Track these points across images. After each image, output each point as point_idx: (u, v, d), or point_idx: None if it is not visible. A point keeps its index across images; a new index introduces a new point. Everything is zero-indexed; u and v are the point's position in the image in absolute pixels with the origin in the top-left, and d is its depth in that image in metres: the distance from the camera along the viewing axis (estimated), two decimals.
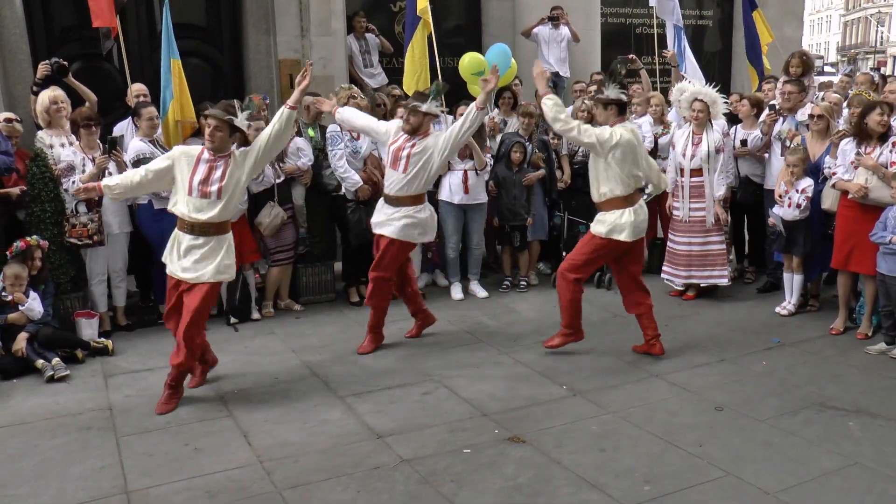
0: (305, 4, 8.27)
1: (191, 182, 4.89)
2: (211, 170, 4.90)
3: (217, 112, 4.99)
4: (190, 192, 4.89)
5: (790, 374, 5.40)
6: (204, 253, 4.94)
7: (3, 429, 4.79)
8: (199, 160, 4.93)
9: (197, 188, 4.88)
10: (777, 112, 7.14)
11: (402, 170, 5.74)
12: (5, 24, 7.42)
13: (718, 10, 12.70)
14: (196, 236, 4.94)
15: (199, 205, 4.89)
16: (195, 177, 4.89)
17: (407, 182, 5.75)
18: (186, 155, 4.98)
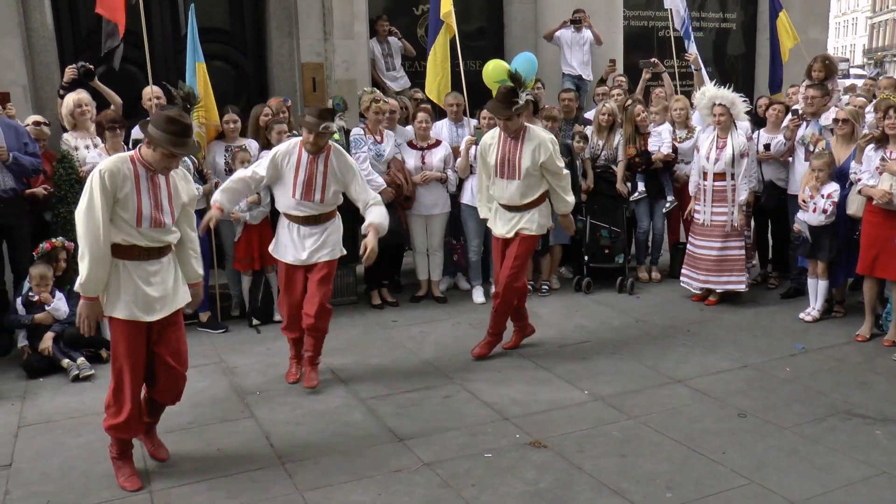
0: (329, 8, 8.30)
1: (294, 183, 5.11)
2: (312, 173, 5.10)
3: (330, 126, 5.05)
4: (294, 195, 5.12)
5: (815, 381, 5.34)
6: (323, 238, 5.24)
7: (30, 426, 4.86)
8: (299, 162, 5.09)
9: (301, 190, 5.11)
10: (800, 117, 7.09)
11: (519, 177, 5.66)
12: (34, 29, 7.51)
13: (742, 13, 12.63)
14: (312, 226, 5.21)
15: (306, 205, 5.16)
16: (298, 178, 5.11)
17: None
18: (288, 155, 5.12)
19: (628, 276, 7.62)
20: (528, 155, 5.57)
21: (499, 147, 5.68)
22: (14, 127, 6.25)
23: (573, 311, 6.97)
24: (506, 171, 5.65)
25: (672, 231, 8.24)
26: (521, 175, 5.60)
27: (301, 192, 5.13)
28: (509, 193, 5.69)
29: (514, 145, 5.61)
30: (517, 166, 5.60)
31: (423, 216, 7.29)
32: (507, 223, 5.77)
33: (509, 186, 5.66)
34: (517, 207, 5.70)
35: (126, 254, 3.94)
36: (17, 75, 7.35)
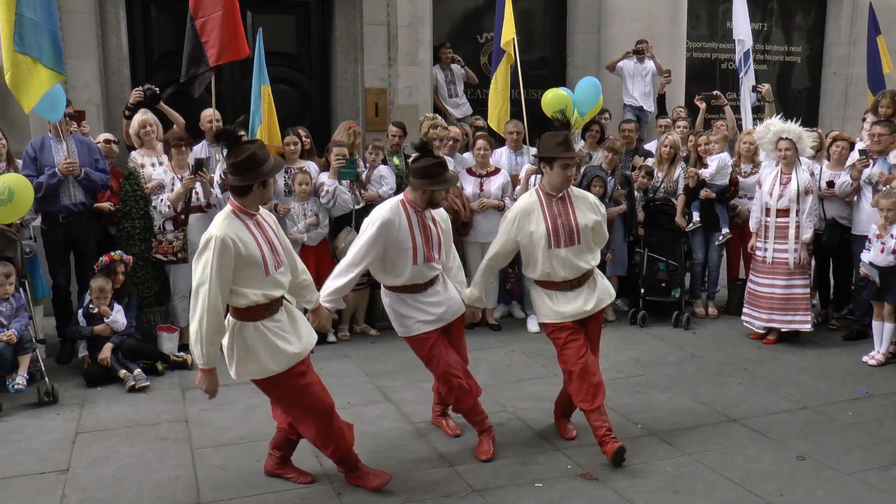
0: (394, 34, 8.44)
1: (415, 248, 4.48)
2: (427, 231, 4.55)
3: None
4: (415, 262, 4.49)
5: (879, 426, 5.15)
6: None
7: (88, 434, 4.99)
8: (410, 224, 4.49)
9: (422, 254, 4.52)
10: (867, 156, 6.90)
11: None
12: (110, 50, 7.80)
13: (808, 47, 12.47)
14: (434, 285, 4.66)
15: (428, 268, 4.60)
16: (416, 241, 4.49)
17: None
18: (393, 225, 4.45)
19: (684, 310, 7.49)
20: (583, 214, 4.67)
21: (544, 212, 4.63)
22: (87, 144, 6.49)
23: (628, 344, 6.87)
24: (561, 238, 4.60)
25: (731, 267, 8.10)
26: (580, 238, 4.64)
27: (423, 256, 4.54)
28: (569, 264, 4.63)
29: (564, 206, 4.66)
30: (575, 229, 4.62)
31: (479, 243, 7.28)
32: (579, 300, 4.70)
33: (568, 255, 4.62)
34: (579, 280, 4.69)
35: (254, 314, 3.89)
36: (92, 95, 7.64)
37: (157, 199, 6.46)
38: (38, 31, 5.74)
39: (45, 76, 5.84)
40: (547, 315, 4.75)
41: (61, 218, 6.30)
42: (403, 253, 4.45)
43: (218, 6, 6.38)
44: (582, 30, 10.57)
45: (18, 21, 5.65)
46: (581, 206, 4.70)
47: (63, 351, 6.37)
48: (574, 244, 4.63)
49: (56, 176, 6.15)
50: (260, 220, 3.93)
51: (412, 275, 4.51)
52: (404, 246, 4.44)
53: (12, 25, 5.64)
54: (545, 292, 4.74)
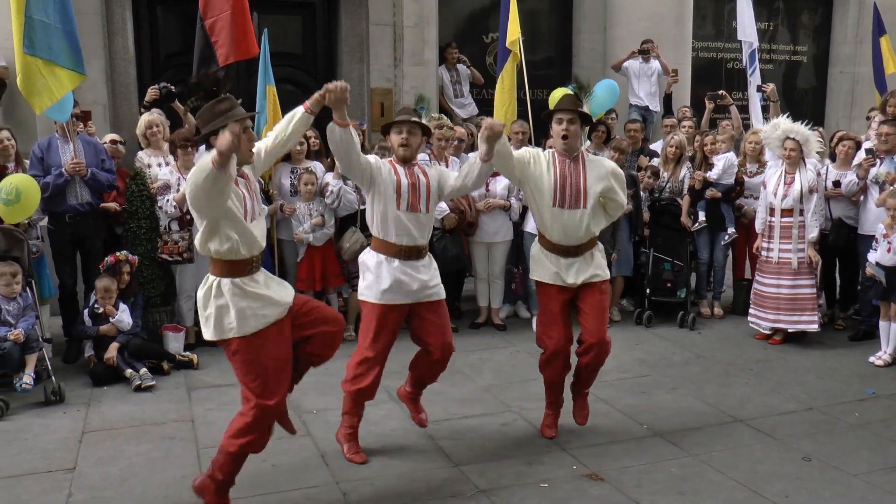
0: (399, 35, 8.45)
1: (399, 192, 4.41)
2: (414, 178, 4.48)
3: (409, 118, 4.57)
4: (399, 206, 4.41)
5: (886, 427, 5.13)
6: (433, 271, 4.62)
7: (94, 433, 5.00)
8: (396, 170, 4.47)
9: (407, 200, 4.43)
10: (874, 155, 6.89)
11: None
12: (116, 51, 7.83)
13: (814, 46, 12.44)
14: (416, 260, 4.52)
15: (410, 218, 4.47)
16: (402, 184, 4.43)
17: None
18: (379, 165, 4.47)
19: (690, 310, 7.49)
20: (594, 179, 4.63)
21: (555, 168, 4.61)
22: (93, 144, 6.52)
23: (633, 344, 6.87)
24: (567, 199, 4.58)
25: (737, 267, 8.09)
26: (586, 202, 4.61)
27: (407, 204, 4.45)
28: (569, 227, 4.62)
29: (575, 168, 4.62)
30: (583, 192, 4.60)
31: (485, 243, 7.29)
32: (572, 269, 4.70)
33: (570, 218, 4.60)
34: (576, 248, 4.68)
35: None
36: (98, 95, 7.66)
37: (163, 199, 6.47)
38: (49, 34, 5.78)
39: (65, 77, 5.89)
40: (535, 271, 4.83)
41: (68, 218, 6.32)
42: (389, 196, 4.37)
43: (227, 6, 6.39)
44: (588, 30, 10.56)
45: (28, 24, 5.68)
46: (593, 171, 4.66)
47: (69, 350, 6.40)
48: (579, 207, 4.61)
49: (63, 176, 6.18)
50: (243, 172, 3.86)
51: (397, 227, 4.39)
52: (389, 187, 4.37)
53: (22, 28, 5.68)
54: (543, 252, 4.78)
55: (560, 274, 4.70)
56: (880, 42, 9.69)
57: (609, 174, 4.71)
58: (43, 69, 5.79)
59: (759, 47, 9.34)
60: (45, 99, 5.85)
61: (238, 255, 3.80)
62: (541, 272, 4.79)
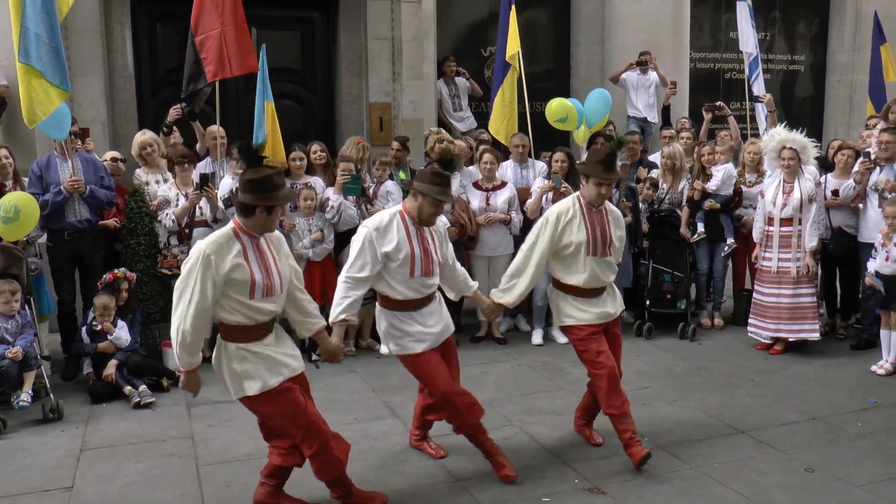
0: (398, 49, 8.46)
1: (412, 263, 4.38)
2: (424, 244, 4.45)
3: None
4: (412, 274, 4.39)
5: (890, 437, 5.11)
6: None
7: (93, 450, 4.98)
8: (409, 234, 4.40)
9: (420, 267, 4.42)
10: (873, 162, 6.89)
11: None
12: (116, 69, 7.85)
13: (811, 55, 12.48)
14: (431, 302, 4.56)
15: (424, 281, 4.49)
16: (414, 251, 4.38)
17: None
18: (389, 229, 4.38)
19: (690, 321, 7.47)
20: (615, 226, 4.85)
21: (585, 220, 4.73)
22: (92, 161, 6.53)
23: (634, 357, 6.84)
24: (598, 248, 4.72)
25: (737, 277, 8.07)
26: (611, 250, 4.81)
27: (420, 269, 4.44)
28: (599, 273, 4.76)
29: (601, 217, 4.78)
30: (609, 240, 4.78)
31: (485, 257, 7.29)
32: (600, 304, 4.82)
33: (598, 266, 4.76)
34: (602, 289, 4.84)
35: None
36: (98, 112, 7.67)
37: (162, 214, 6.50)
38: (40, 46, 5.77)
39: (53, 94, 5.87)
40: (573, 317, 4.80)
41: (67, 235, 6.33)
42: (398, 257, 4.34)
43: (217, 23, 6.43)
44: (586, 42, 10.61)
45: (23, 33, 5.69)
46: (613, 221, 4.86)
47: (68, 367, 6.38)
48: (606, 255, 4.78)
49: (61, 194, 6.19)
50: (262, 244, 3.86)
51: (410, 289, 4.42)
52: (401, 255, 4.33)
53: (19, 38, 5.68)
54: (570, 297, 4.81)
55: (595, 310, 4.79)
56: (880, 50, 9.69)
57: (622, 224, 4.98)
58: (34, 82, 5.77)
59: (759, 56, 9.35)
60: (39, 113, 5.83)
61: (242, 323, 3.83)
62: (575, 317, 4.79)
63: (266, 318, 3.88)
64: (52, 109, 5.86)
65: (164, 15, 8.32)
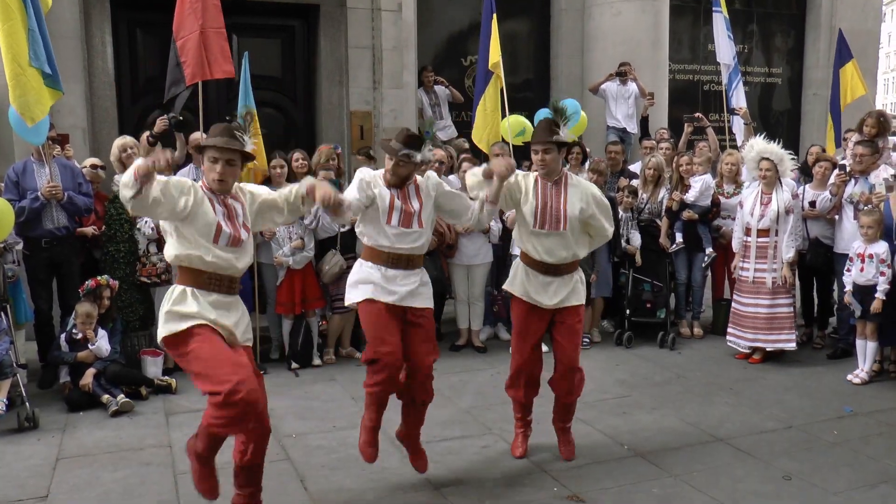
0: (378, 58, 8.48)
1: (391, 210, 4.34)
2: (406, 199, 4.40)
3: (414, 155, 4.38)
4: (389, 220, 4.34)
5: (865, 445, 5.17)
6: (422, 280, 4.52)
7: (69, 459, 4.92)
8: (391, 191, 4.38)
9: (398, 216, 4.35)
10: (848, 174, 6.98)
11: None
12: (96, 74, 7.81)
13: (788, 69, 12.63)
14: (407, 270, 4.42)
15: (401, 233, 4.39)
16: (394, 201, 4.36)
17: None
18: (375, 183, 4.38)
19: (670, 331, 7.51)
20: (574, 202, 4.67)
21: (537, 193, 4.68)
22: (70, 168, 6.47)
23: (614, 365, 6.88)
24: (547, 221, 4.64)
25: (716, 287, 8.14)
26: (566, 225, 4.65)
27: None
28: (550, 248, 4.68)
29: (556, 191, 4.69)
30: (562, 215, 4.65)
31: (464, 266, 7.30)
32: (548, 290, 4.73)
33: (549, 240, 4.67)
34: (556, 267, 4.71)
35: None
36: (77, 119, 7.62)
37: (142, 221, 6.45)
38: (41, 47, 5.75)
39: (48, 93, 5.85)
40: (512, 286, 4.82)
41: (44, 242, 6.26)
42: (380, 208, 4.29)
43: (196, 26, 6.42)
44: (566, 53, 10.68)
45: (31, 36, 5.65)
46: (573, 195, 4.70)
47: (45, 376, 6.31)
48: (559, 229, 4.65)
49: (38, 200, 6.13)
50: (228, 201, 3.87)
51: (387, 238, 4.32)
52: (383, 199, 4.29)
53: (26, 42, 5.64)
54: (523, 267, 4.80)
55: (533, 295, 4.73)
56: (842, 70, 9.58)
57: (591, 198, 4.75)
58: (36, 81, 5.73)
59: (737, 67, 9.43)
60: (37, 111, 5.78)
61: (193, 264, 3.77)
62: (516, 287, 4.81)
63: (223, 272, 3.81)
64: (47, 110, 5.83)
65: (145, 22, 8.30)
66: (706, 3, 10.65)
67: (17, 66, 5.66)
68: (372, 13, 8.56)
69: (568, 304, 4.76)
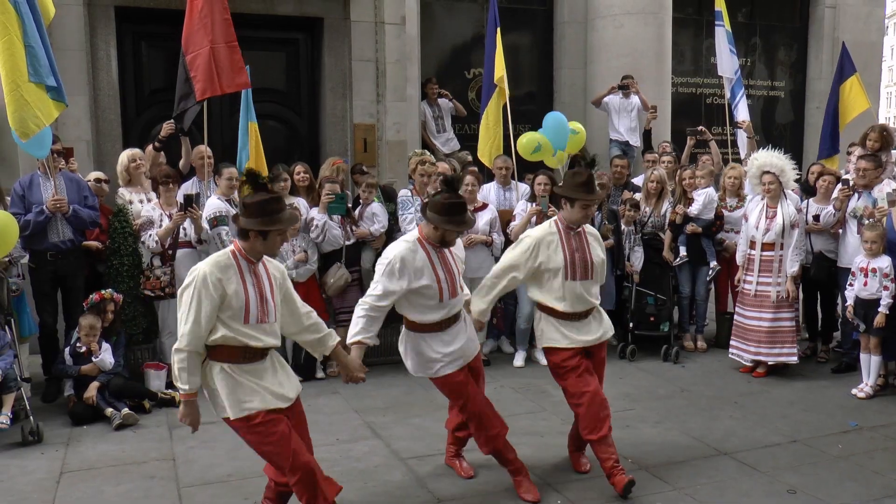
0: (382, 71, 8.51)
1: (439, 284, 4.40)
2: (447, 265, 4.48)
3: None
4: (441, 299, 4.42)
5: (870, 459, 5.15)
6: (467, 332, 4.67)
7: (72, 473, 4.92)
8: (431, 259, 4.40)
9: (447, 290, 4.45)
10: (851, 188, 6.98)
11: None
12: (101, 87, 7.83)
13: (791, 81, 12.65)
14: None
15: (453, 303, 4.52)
16: (440, 276, 4.41)
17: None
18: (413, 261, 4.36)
19: (673, 344, 7.50)
20: (597, 249, 4.84)
21: (563, 244, 4.72)
22: (76, 181, 6.49)
23: (617, 379, 6.86)
24: (578, 272, 4.70)
25: (719, 300, 8.13)
26: (593, 272, 4.79)
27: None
28: (580, 297, 4.73)
29: (580, 240, 4.78)
30: (590, 263, 4.76)
31: (467, 279, 7.25)
32: (583, 331, 4.79)
33: (581, 289, 4.72)
34: (584, 314, 4.80)
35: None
36: (82, 132, 7.64)
37: (146, 235, 6.47)
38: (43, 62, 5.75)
39: (52, 105, 5.84)
40: (555, 339, 4.79)
41: (49, 256, 6.27)
42: (428, 290, 4.35)
43: (206, 41, 6.44)
44: (568, 66, 10.71)
45: (29, 52, 5.66)
46: (594, 243, 4.86)
47: (49, 389, 6.31)
48: (588, 278, 4.75)
49: (44, 213, 6.14)
50: (259, 269, 3.87)
51: (438, 313, 4.43)
52: (428, 282, 4.34)
53: (24, 57, 5.65)
54: (553, 320, 4.79)
55: (577, 336, 4.77)
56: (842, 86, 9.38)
57: (601, 243, 4.98)
58: (35, 94, 5.71)
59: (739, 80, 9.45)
60: (32, 125, 5.76)
61: (230, 343, 3.79)
62: (557, 339, 4.79)
63: (256, 344, 3.83)
64: (50, 122, 5.82)
65: (150, 35, 8.34)
66: (709, 16, 10.67)
67: (12, 82, 5.64)
68: (375, 26, 8.59)
69: (604, 339, 4.92)
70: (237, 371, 3.81)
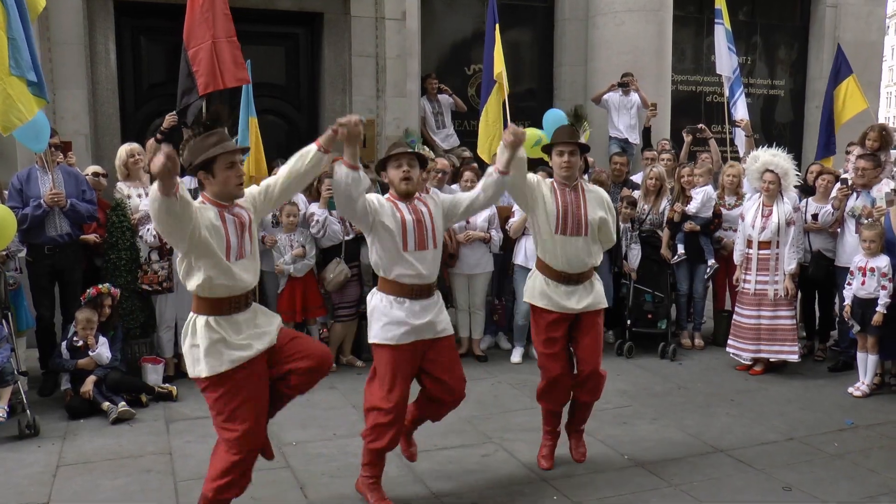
0: (382, 66, 8.51)
1: (404, 232, 4.19)
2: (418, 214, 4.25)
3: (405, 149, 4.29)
4: (405, 247, 4.18)
5: (865, 457, 5.16)
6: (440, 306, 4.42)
7: (69, 466, 4.92)
8: (398, 207, 4.24)
9: (413, 238, 4.21)
10: (850, 187, 6.98)
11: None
12: (99, 81, 7.83)
13: (791, 81, 12.65)
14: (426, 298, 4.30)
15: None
16: (406, 222, 4.20)
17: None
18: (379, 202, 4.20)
19: (671, 341, 7.51)
20: (594, 207, 4.73)
21: (556, 198, 4.68)
22: (74, 175, 6.48)
23: (615, 376, 6.85)
24: (570, 227, 4.65)
25: (717, 298, 8.13)
26: (587, 230, 4.69)
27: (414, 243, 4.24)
28: (572, 254, 4.68)
29: (575, 197, 4.72)
30: (583, 220, 4.68)
31: (465, 275, 7.30)
32: (572, 298, 4.72)
33: (571, 246, 4.67)
34: (577, 276, 4.73)
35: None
36: (80, 125, 7.64)
37: (143, 229, 6.46)
38: (25, 55, 5.70)
39: (33, 101, 5.80)
40: (536, 298, 4.77)
41: (47, 249, 6.26)
42: (392, 235, 4.14)
43: (207, 35, 6.43)
44: (569, 62, 10.71)
45: (12, 45, 5.62)
46: (592, 200, 4.77)
47: (46, 383, 6.31)
48: (580, 234, 4.68)
49: (41, 207, 6.13)
50: (234, 209, 3.77)
51: (406, 268, 4.18)
52: (389, 224, 4.13)
53: (6, 50, 5.60)
54: (542, 277, 4.76)
55: (561, 301, 4.72)
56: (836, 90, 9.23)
57: (606, 205, 4.86)
58: (17, 88, 5.62)
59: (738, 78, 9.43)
60: (14, 119, 5.69)
61: (215, 293, 3.73)
62: (541, 298, 4.76)
63: (238, 292, 3.76)
64: (29, 118, 5.75)
65: (148, 29, 8.33)
66: (710, 14, 10.65)
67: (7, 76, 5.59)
68: (375, 21, 8.59)
69: (590, 310, 4.79)
70: (221, 325, 3.72)
